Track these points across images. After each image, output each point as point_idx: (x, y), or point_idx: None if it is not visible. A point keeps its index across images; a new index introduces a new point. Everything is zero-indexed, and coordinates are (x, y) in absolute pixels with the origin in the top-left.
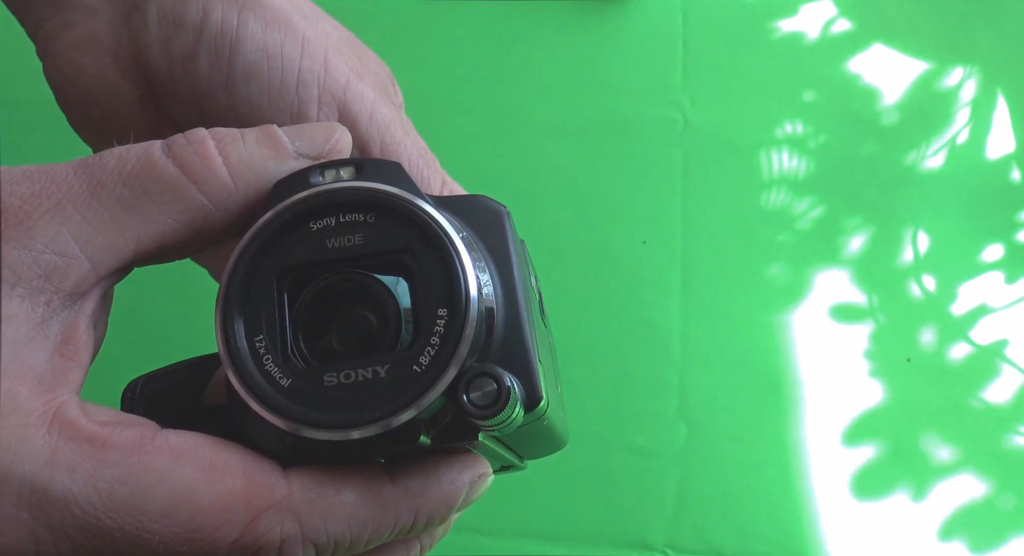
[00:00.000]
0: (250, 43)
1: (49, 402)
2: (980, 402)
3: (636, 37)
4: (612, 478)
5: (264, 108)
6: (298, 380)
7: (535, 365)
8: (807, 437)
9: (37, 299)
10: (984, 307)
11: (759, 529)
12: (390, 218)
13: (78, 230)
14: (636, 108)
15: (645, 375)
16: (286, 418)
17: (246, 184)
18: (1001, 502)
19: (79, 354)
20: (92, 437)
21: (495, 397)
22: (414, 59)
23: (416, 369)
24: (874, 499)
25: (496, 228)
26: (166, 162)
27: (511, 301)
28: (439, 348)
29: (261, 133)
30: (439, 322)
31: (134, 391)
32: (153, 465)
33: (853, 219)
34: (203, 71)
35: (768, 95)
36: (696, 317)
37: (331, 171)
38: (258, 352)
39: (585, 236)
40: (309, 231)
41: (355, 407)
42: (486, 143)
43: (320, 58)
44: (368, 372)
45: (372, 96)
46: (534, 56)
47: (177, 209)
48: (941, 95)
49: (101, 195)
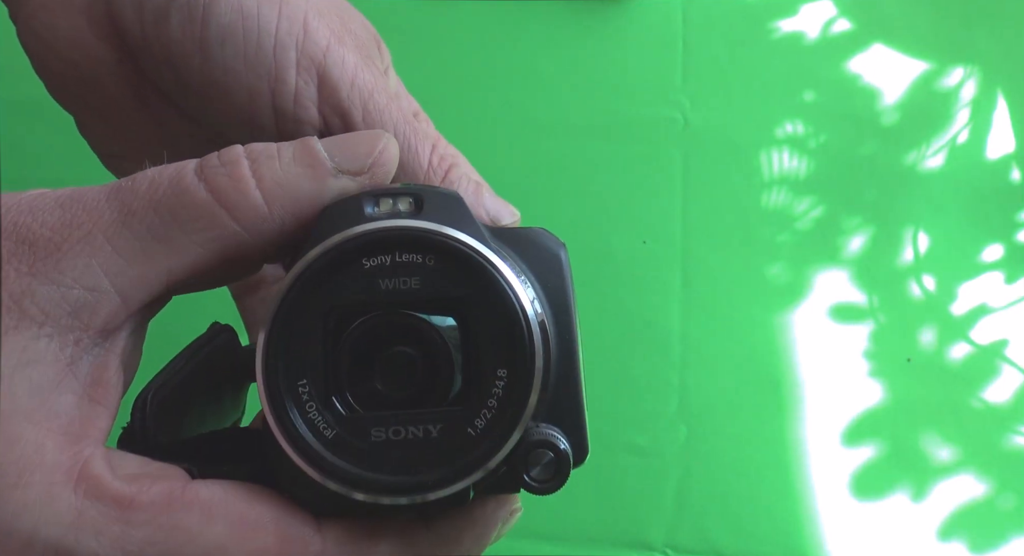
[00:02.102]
0: (224, 3)
1: (76, 456)
2: (980, 402)
3: (636, 37)
4: (612, 478)
5: (240, 72)
6: (343, 432)
7: (585, 420)
8: (807, 437)
9: (66, 338)
10: (984, 307)
11: (759, 529)
12: (451, 263)
13: (108, 262)
14: (636, 108)
15: (645, 375)
16: (334, 479)
17: (281, 208)
18: (1001, 502)
19: (108, 397)
20: (119, 497)
21: (555, 469)
22: (414, 59)
23: (471, 432)
24: (874, 499)
25: (554, 268)
26: (197, 187)
27: (568, 353)
28: (498, 412)
29: (299, 148)
30: (498, 383)
31: (144, 407)
32: (183, 524)
33: (853, 219)
34: (176, 33)
35: (768, 95)
36: (696, 317)
37: (387, 201)
38: (301, 398)
39: (585, 236)
40: (361, 269)
41: (407, 471)
42: (486, 143)
43: (299, 20)
44: (419, 430)
45: (353, 60)
46: (534, 56)
47: (209, 238)
48: (941, 95)
49: (132, 224)
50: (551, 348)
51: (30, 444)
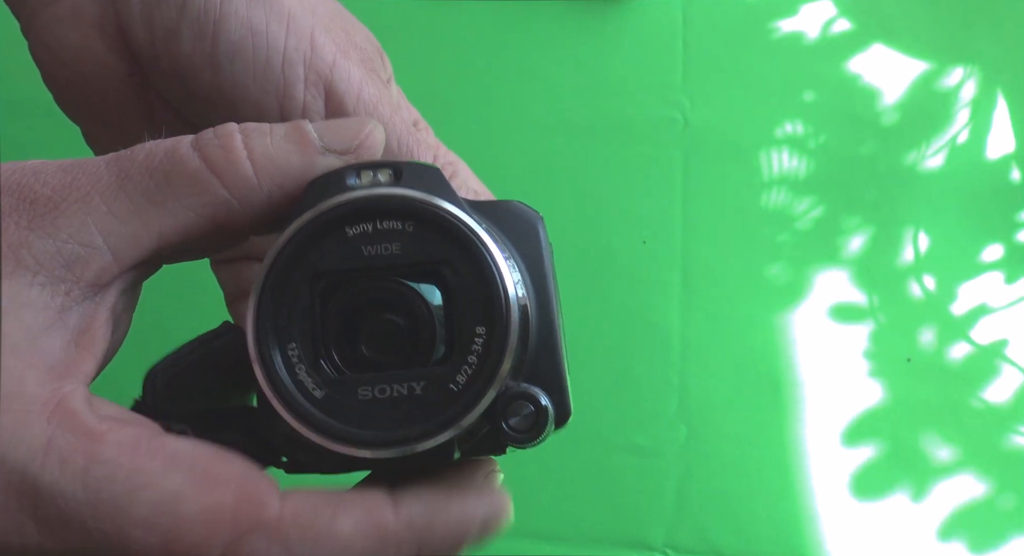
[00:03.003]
0: (234, 20)
1: (55, 391)
2: (980, 402)
3: (636, 37)
4: (612, 478)
5: (250, 87)
6: (331, 391)
7: (566, 381)
8: (807, 437)
9: (58, 288)
10: (984, 307)
11: (759, 529)
12: (429, 228)
13: (103, 221)
14: (636, 108)
15: (645, 375)
16: (320, 432)
17: (270, 179)
18: (1001, 502)
19: (95, 345)
20: (90, 431)
21: (533, 420)
22: (414, 59)
23: (453, 388)
24: (874, 499)
25: (531, 237)
26: (191, 155)
27: (545, 316)
28: (477, 368)
29: (290, 128)
30: (477, 340)
31: (154, 381)
32: (144, 467)
33: (853, 219)
34: (186, 48)
35: (768, 95)
36: (696, 317)
37: (368, 173)
38: (291, 360)
39: (585, 236)
40: (345, 236)
41: (391, 425)
42: (486, 143)
43: (306, 36)
44: (404, 388)
45: (359, 75)
46: (534, 56)
47: (200, 203)
48: (941, 95)
49: (128, 187)
50: (529, 308)
51: (12, 376)
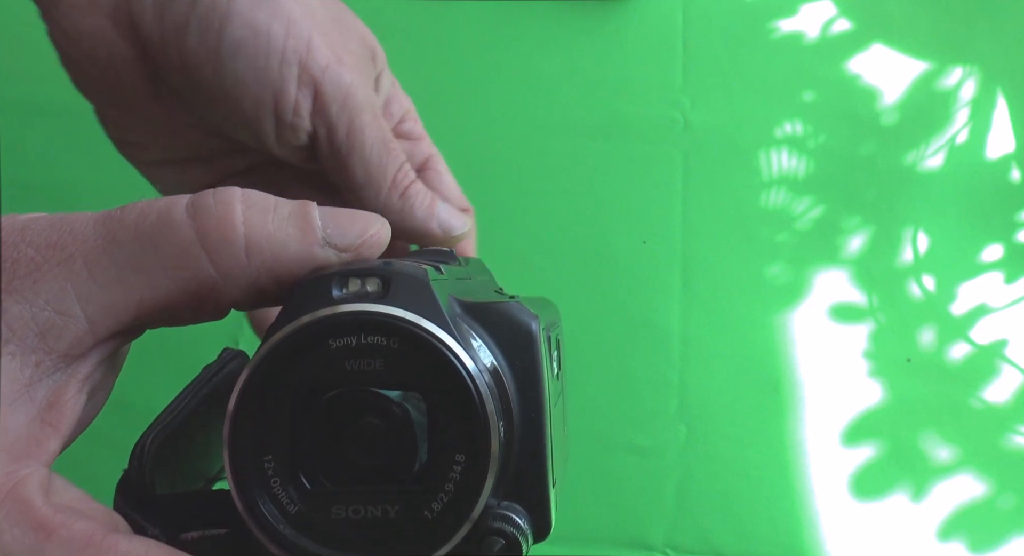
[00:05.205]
0: (238, 19)
1: (10, 475)
2: (980, 402)
3: (636, 37)
4: (612, 478)
5: (249, 83)
6: (305, 507)
7: (549, 497)
8: (807, 437)
9: (28, 359)
10: (984, 307)
11: (759, 529)
12: (413, 346)
13: (83, 287)
14: (636, 108)
15: (645, 375)
16: (288, 552)
17: (261, 262)
18: (1001, 502)
19: (62, 421)
20: (41, 524)
21: (506, 553)
22: (414, 59)
23: (427, 515)
24: (873, 499)
25: (526, 349)
26: (184, 223)
27: (534, 428)
28: (453, 498)
29: (295, 209)
30: (455, 468)
31: (142, 452)
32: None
33: (853, 219)
34: (192, 43)
35: (768, 95)
36: (696, 317)
37: (355, 282)
38: (266, 474)
39: (585, 236)
40: (328, 349)
41: (362, 550)
42: (486, 143)
43: (304, 38)
44: (378, 510)
45: (348, 80)
46: (534, 56)
47: (184, 276)
48: (941, 95)
49: (113, 252)
50: (513, 432)
51: None
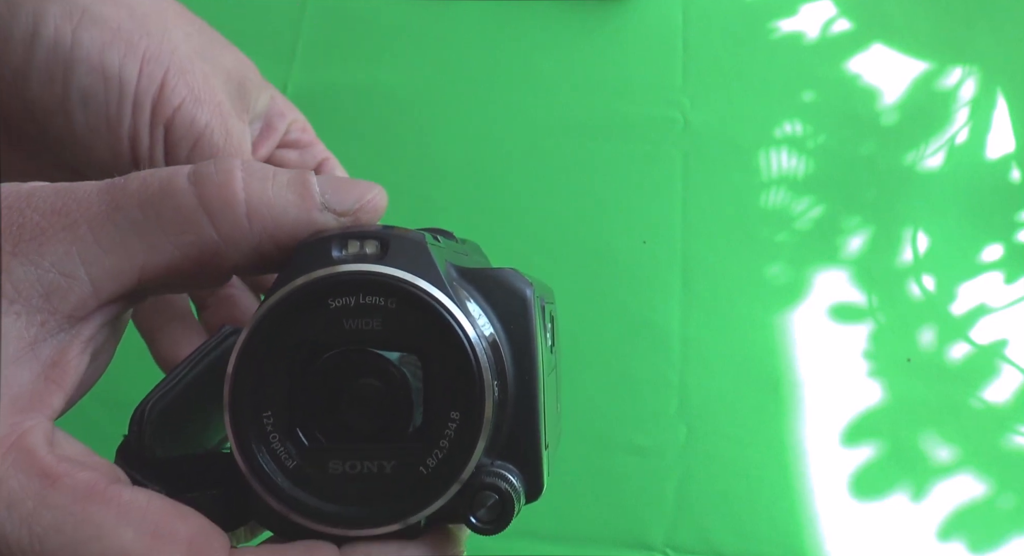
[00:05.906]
0: (84, 65)
1: (15, 426)
2: (980, 402)
3: (636, 37)
4: (612, 478)
5: (102, 131)
6: (303, 462)
7: (541, 458)
8: (806, 437)
9: (33, 318)
10: (984, 307)
11: (759, 529)
12: (411, 306)
13: (87, 251)
14: (636, 108)
15: (645, 375)
16: (285, 504)
17: (262, 227)
18: (1001, 502)
19: (65, 379)
20: (45, 472)
21: (499, 511)
22: (414, 59)
23: (423, 471)
24: (873, 499)
25: (519, 314)
26: (187, 190)
27: (527, 393)
28: (447, 454)
29: (294, 177)
30: (450, 425)
31: (141, 419)
32: (94, 518)
33: (853, 219)
34: (35, 92)
35: (768, 95)
36: (696, 317)
37: (354, 243)
38: (265, 430)
39: (585, 236)
40: (327, 308)
41: (357, 502)
42: (486, 143)
43: (157, 78)
44: (374, 466)
45: (204, 120)
46: (534, 56)
47: (186, 241)
48: (941, 95)
49: (116, 218)
50: (508, 393)
51: None
